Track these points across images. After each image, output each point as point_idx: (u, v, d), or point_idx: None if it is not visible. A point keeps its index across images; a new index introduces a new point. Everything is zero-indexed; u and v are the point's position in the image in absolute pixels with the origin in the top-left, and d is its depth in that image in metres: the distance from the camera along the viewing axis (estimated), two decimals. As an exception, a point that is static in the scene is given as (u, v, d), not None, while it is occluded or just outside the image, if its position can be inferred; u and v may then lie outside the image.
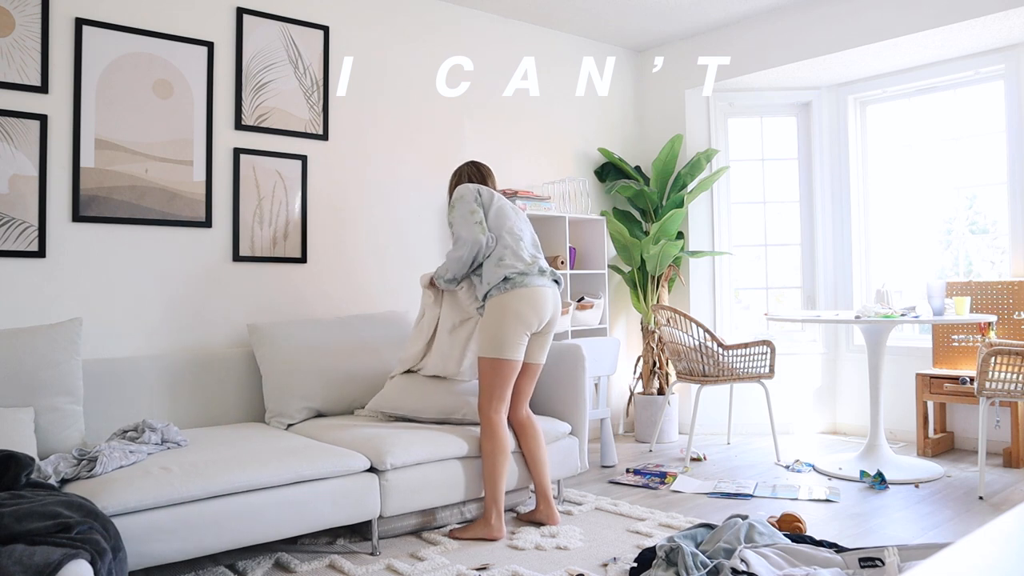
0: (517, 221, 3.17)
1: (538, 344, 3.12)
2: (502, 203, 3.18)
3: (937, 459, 4.23)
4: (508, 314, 2.96)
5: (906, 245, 4.95)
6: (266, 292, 3.70)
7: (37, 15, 3.12)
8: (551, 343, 3.23)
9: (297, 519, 2.58)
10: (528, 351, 3.11)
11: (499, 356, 2.97)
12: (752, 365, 4.22)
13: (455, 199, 3.15)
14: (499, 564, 2.65)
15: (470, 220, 3.07)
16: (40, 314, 3.12)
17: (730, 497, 3.53)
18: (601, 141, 5.22)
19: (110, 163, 3.28)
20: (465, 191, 3.14)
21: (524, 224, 3.20)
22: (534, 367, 3.14)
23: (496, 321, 2.98)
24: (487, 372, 2.99)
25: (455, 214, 3.11)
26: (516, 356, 2.99)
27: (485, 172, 3.36)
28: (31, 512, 1.80)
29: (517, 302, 2.97)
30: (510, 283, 2.99)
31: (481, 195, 3.14)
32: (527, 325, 2.99)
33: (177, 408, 3.20)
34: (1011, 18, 3.96)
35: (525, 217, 3.26)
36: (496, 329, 2.97)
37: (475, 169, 3.34)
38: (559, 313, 3.15)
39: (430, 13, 4.36)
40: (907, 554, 2.33)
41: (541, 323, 3.04)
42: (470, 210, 3.09)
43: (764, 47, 4.79)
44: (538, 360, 3.14)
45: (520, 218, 3.20)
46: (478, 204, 3.12)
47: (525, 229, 3.19)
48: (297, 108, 3.81)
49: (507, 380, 2.99)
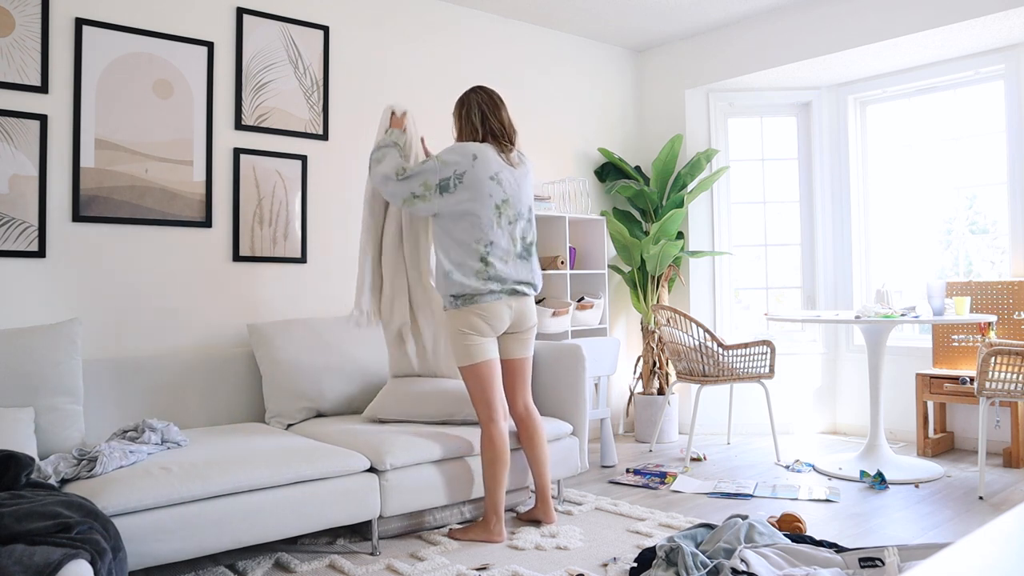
0: (494, 219, 2.83)
1: (516, 342, 3.01)
2: (485, 190, 2.82)
3: (937, 459, 4.23)
4: (461, 327, 2.86)
5: (906, 245, 4.95)
6: (266, 292, 3.70)
7: (37, 15, 3.12)
8: (534, 340, 3.11)
9: (297, 519, 2.58)
10: (506, 348, 3.01)
11: (470, 362, 2.88)
12: (752, 365, 4.22)
13: (447, 154, 2.81)
14: (499, 564, 2.65)
15: (427, 182, 2.77)
16: (40, 314, 3.12)
17: (730, 497, 3.53)
18: (601, 141, 5.22)
19: (110, 163, 3.28)
20: (461, 157, 2.80)
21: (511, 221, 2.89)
22: (518, 362, 3.04)
23: (452, 334, 2.90)
24: (468, 380, 2.92)
25: (430, 165, 2.80)
26: (487, 356, 2.88)
27: (497, 102, 2.92)
28: (31, 512, 1.80)
29: (467, 317, 2.85)
30: (460, 300, 2.83)
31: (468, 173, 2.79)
32: (481, 332, 2.86)
33: (177, 408, 3.20)
34: (1011, 18, 3.96)
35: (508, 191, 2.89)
36: (455, 340, 2.89)
37: (486, 98, 2.91)
38: (528, 316, 2.99)
39: (430, 13, 4.36)
40: (907, 554, 2.33)
41: (497, 331, 2.91)
42: (440, 178, 2.78)
43: (764, 47, 4.79)
44: (520, 355, 3.03)
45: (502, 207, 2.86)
46: (455, 183, 2.78)
47: (502, 234, 2.85)
48: (297, 108, 3.81)
49: (488, 382, 2.90)
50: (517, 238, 2.93)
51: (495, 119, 2.91)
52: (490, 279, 2.84)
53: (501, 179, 2.87)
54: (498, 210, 2.86)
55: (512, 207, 2.90)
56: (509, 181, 2.90)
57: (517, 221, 2.93)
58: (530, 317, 3.01)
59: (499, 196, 2.86)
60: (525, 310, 2.98)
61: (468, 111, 2.93)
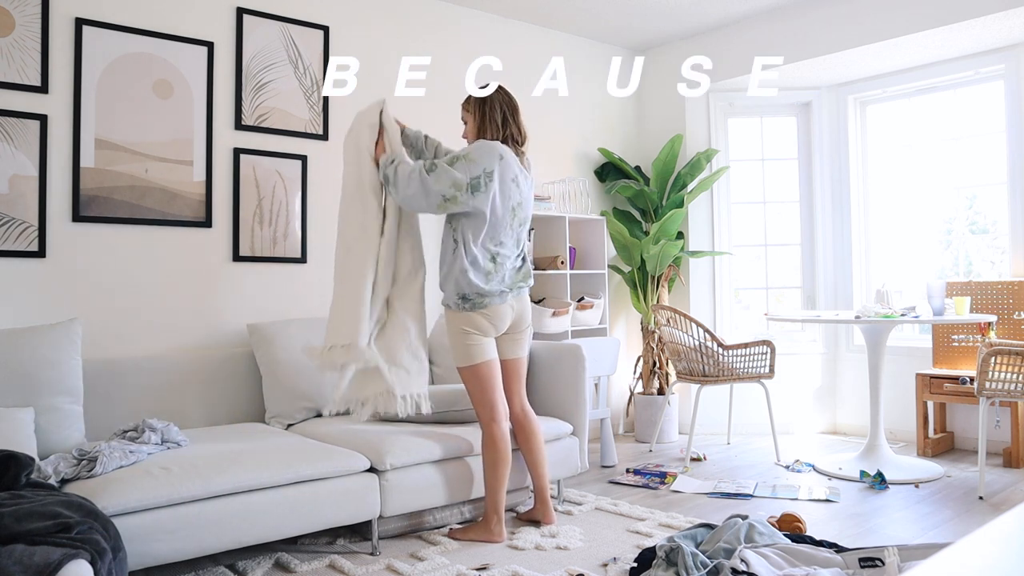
0: (508, 220, 2.86)
1: (512, 342, 3.03)
2: (507, 191, 2.81)
3: (937, 459, 4.23)
4: (463, 326, 2.87)
5: (906, 245, 4.95)
6: (266, 292, 3.70)
7: (37, 15, 3.12)
8: (530, 339, 3.12)
9: (297, 519, 2.58)
10: (503, 348, 3.02)
11: (470, 363, 2.90)
12: (752, 365, 4.22)
13: (477, 152, 2.74)
14: (499, 564, 2.65)
15: (458, 181, 2.68)
16: (40, 314, 3.12)
17: (730, 497, 3.53)
18: (601, 141, 5.22)
19: (110, 163, 3.28)
20: (489, 155, 2.75)
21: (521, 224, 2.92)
22: (514, 362, 3.05)
23: (453, 333, 2.91)
24: (468, 382, 2.94)
25: (465, 164, 2.71)
26: (487, 357, 2.90)
27: (516, 106, 2.91)
28: (31, 512, 1.80)
29: (472, 317, 2.86)
30: (468, 303, 2.83)
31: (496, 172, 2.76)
32: (484, 331, 2.89)
33: (177, 408, 3.20)
34: (1011, 18, 3.96)
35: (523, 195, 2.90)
36: (456, 340, 2.90)
37: (509, 100, 2.88)
38: (527, 311, 3.02)
39: (430, 13, 4.36)
40: (907, 554, 2.33)
41: (499, 330, 2.94)
42: (471, 176, 2.70)
43: (764, 47, 4.79)
44: (517, 355, 3.05)
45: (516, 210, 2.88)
46: (485, 182, 2.72)
47: (511, 235, 2.86)
48: (297, 108, 3.81)
49: (489, 382, 2.91)
50: (521, 241, 2.98)
51: (514, 123, 2.90)
52: (498, 280, 2.87)
53: (519, 182, 2.90)
54: (513, 212, 2.88)
55: (523, 210, 2.94)
56: (523, 185, 2.93)
57: (524, 225, 2.97)
58: (528, 314, 3.04)
59: (516, 198, 2.88)
60: (524, 310, 3.01)
61: (491, 110, 2.88)
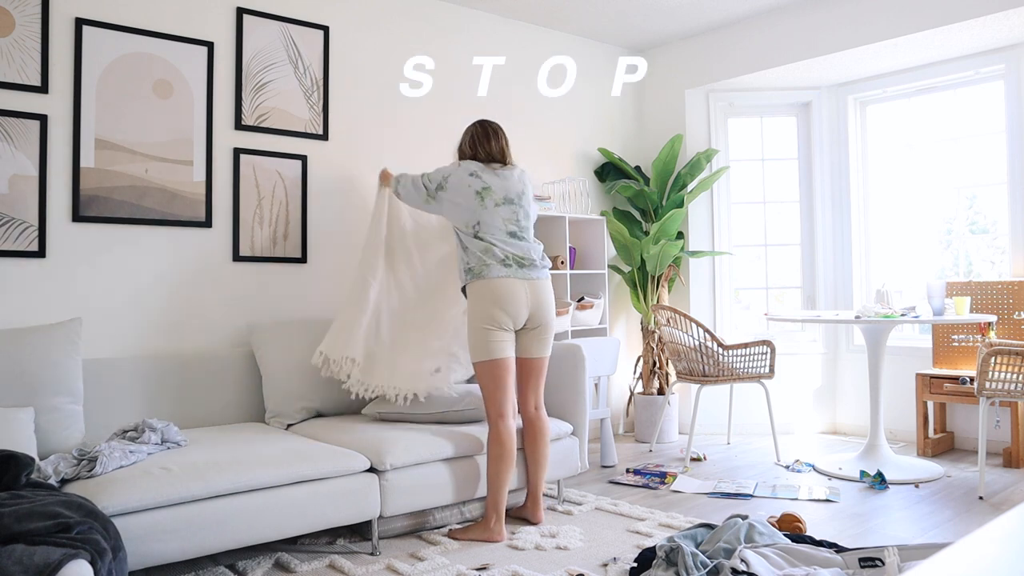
0: (479, 207, 3.05)
1: (532, 339, 3.05)
2: (465, 183, 3.08)
3: (937, 459, 4.23)
4: (477, 315, 2.95)
5: (906, 245, 4.95)
6: (266, 292, 3.70)
7: (37, 15, 3.12)
8: (552, 340, 3.13)
9: (297, 519, 2.58)
10: (527, 347, 3.06)
11: (485, 358, 2.94)
12: (752, 365, 4.22)
13: (441, 168, 3.22)
14: (499, 564, 2.65)
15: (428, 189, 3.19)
16: (40, 314, 3.12)
17: (730, 497, 3.53)
18: (601, 141, 5.22)
19: (110, 163, 3.28)
20: (445, 167, 3.20)
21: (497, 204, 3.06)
22: (533, 362, 3.08)
23: (472, 329, 2.98)
24: (481, 376, 2.97)
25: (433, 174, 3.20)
26: (502, 354, 2.95)
27: (490, 133, 3.22)
28: (31, 512, 1.80)
29: (481, 300, 2.94)
30: (472, 274, 2.99)
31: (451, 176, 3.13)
32: (498, 322, 2.94)
33: (177, 408, 3.20)
34: (1011, 18, 3.96)
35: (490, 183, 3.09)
36: (474, 335, 2.96)
37: (480, 130, 3.23)
38: (547, 305, 3.04)
39: (430, 13, 4.35)
40: (907, 554, 2.33)
41: (517, 321, 2.98)
42: (435, 184, 3.16)
43: (764, 47, 4.79)
44: (535, 355, 3.07)
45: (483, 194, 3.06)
46: (443, 184, 3.14)
47: (489, 215, 3.04)
48: (297, 108, 3.81)
49: (502, 380, 2.95)
50: (507, 219, 3.08)
51: (483, 147, 3.18)
52: (486, 253, 2.99)
53: (480, 175, 3.10)
54: (479, 196, 3.06)
55: (495, 193, 3.08)
56: (489, 175, 3.11)
57: (504, 205, 3.08)
58: (548, 308, 3.05)
59: (478, 185, 3.08)
60: (542, 303, 3.03)
61: (463, 138, 3.26)
